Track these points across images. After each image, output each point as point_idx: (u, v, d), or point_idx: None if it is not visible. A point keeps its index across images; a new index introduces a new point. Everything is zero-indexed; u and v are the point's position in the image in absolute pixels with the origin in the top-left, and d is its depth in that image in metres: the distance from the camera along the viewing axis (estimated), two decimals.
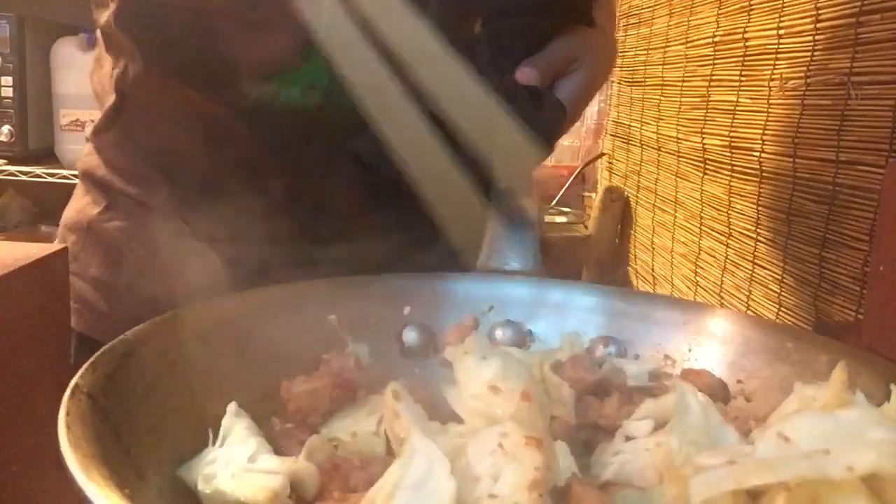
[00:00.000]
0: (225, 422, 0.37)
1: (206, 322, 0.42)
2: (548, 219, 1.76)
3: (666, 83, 1.27)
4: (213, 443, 0.36)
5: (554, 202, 1.81)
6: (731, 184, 0.99)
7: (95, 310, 0.66)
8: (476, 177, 0.55)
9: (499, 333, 0.49)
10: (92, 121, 2.16)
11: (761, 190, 0.90)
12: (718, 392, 0.42)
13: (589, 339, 0.49)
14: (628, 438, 0.38)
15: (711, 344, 0.46)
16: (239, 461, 0.35)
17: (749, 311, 0.92)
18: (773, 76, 0.86)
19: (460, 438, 0.34)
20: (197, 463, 0.35)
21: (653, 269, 1.35)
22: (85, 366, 0.33)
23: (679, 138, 1.20)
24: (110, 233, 0.66)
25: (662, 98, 1.29)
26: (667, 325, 0.47)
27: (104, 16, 0.60)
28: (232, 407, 0.38)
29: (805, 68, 0.79)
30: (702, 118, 1.08)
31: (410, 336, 0.49)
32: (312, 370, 0.42)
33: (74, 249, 0.67)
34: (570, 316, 0.50)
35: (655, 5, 1.32)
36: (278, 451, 0.38)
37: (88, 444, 0.28)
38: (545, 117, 0.54)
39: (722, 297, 1.02)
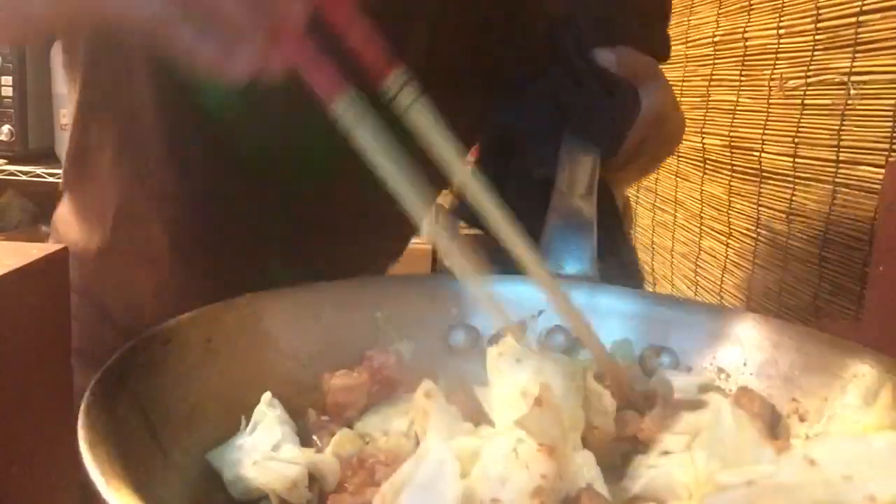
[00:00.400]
0: (257, 410, 0.38)
1: (252, 315, 0.42)
2: None
3: None
4: (244, 430, 0.37)
5: None
6: (731, 184, 0.99)
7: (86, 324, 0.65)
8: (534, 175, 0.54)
9: (548, 338, 0.48)
10: None
11: (761, 190, 0.90)
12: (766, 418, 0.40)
13: (642, 348, 0.47)
14: (665, 453, 0.37)
15: (769, 359, 0.43)
16: (262, 449, 0.35)
17: (749, 312, 0.92)
18: (773, 76, 0.86)
19: (479, 441, 0.34)
20: (225, 448, 0.36)
21: (653, 269, 1.35)
22: (122, 349, 0.34)
23: None
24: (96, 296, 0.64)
25: None
26: (723, 337, 0.45)
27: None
28: (266, 396, 0.38)
29: (805, 68, 0.79)
30: (702, 118, 1.08)
31: (457, 337, 0.48)
32: (356, 366, 0.42)
33: None
34: (623, 323, 0.48)
35: None
36: (310, 442, 0.38)
37: (105, 427, 0.28)
38: (616, 105, 0.53)
39: (722, 297, 1.02)
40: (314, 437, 0.39)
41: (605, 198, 0.56)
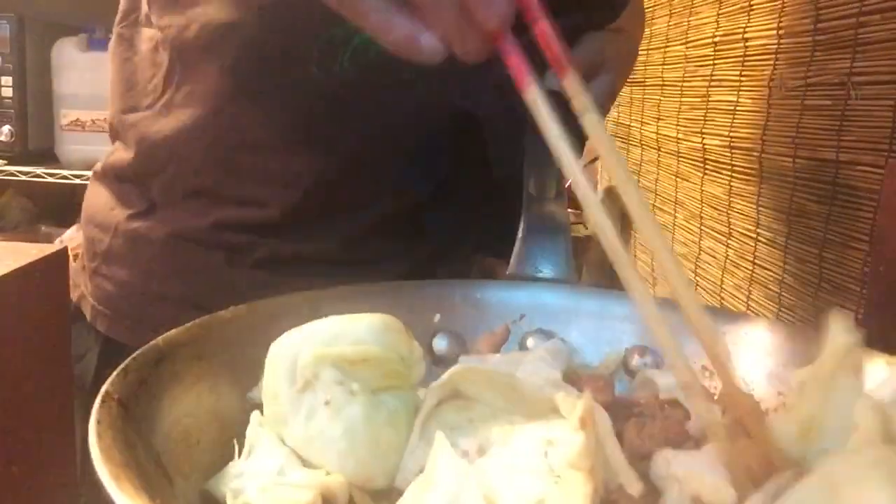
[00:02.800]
0: (249, 432, 0.36)
1: (237, 328, 0.41)
2: None
3: (666, 83, 1.27)
4: (240, 455, 0.36)
5: None
6: (731, 184, 0.99)
7: (128, 316, 0.63)
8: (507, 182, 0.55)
9: (531, 342, 0.48)
10: (94, 121, 2.10)
11: (761, 190, 0.90)
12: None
13: (624, 348, 0.47)
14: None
15: (751, 355, 0.44)
16: (268, 474, 0.34)
17: (749, 312, 0.92)
18: (773, 76, 0.86)
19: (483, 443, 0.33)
20: (224, 476, 0.34)
21: (653, 270, 1.35)
22: (115, 372, 0.33)
23: (679, 138, 1.20)
24: (142, 236, 0.62)
25: (662, 98, 1.29)
26: None
27: None
28: (255, 417, 0.37)
29: (805, 68, 0.79)
30: (702, 118, 1.08)
31: (441, 344, 0.48)
32: None
33: (101, 248, 0.64)
34: (605, 325, 0.48)
35: (655, 5, 1.32)
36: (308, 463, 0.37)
37: (120, 454, 0.28)
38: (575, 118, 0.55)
39: (722, 298, 1.02)
40: None
41: None
